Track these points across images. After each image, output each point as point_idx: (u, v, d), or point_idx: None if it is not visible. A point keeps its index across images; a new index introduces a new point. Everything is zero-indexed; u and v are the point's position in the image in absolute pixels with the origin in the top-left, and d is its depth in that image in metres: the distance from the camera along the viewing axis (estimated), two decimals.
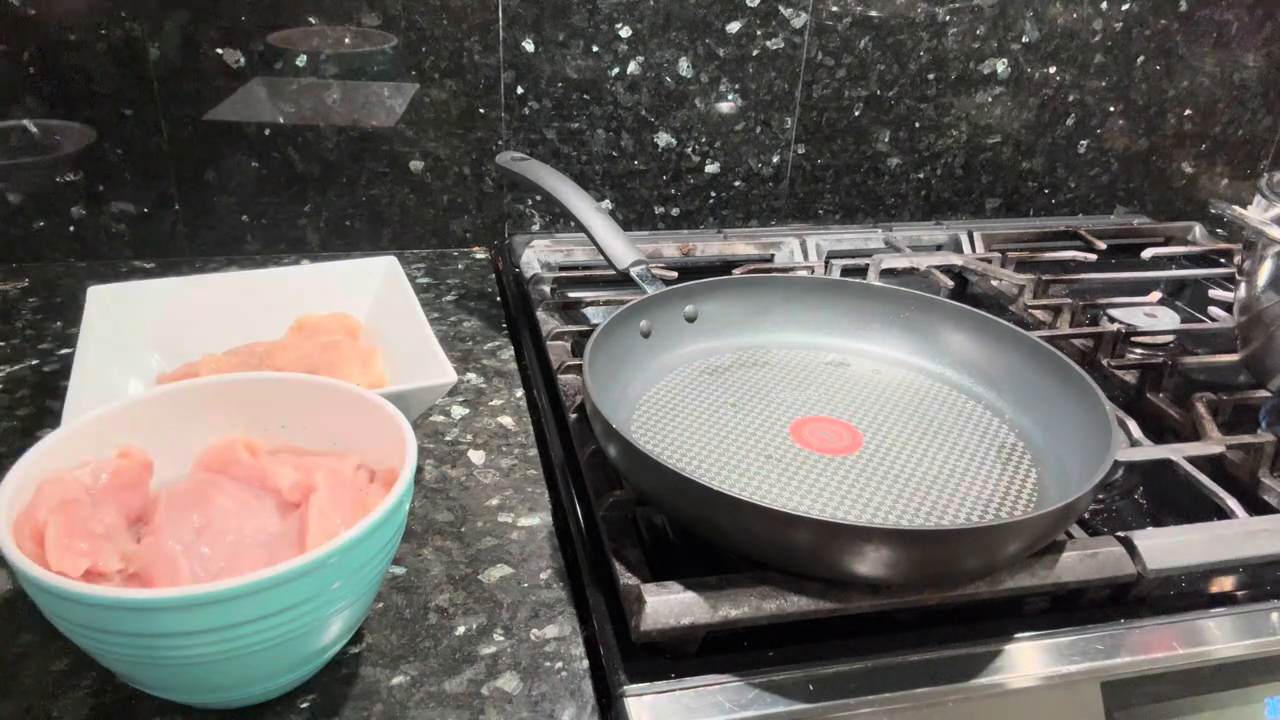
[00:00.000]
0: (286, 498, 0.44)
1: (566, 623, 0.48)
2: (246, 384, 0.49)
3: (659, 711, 0.43)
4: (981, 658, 0.46)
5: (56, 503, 0.40)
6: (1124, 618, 0.49)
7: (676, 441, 0.57)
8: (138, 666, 0.38)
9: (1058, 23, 0.93)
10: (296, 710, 0.43)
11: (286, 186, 0.85)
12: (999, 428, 0.60)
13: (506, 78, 0.85)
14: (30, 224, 0.82)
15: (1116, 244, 0.92)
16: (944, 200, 1.00)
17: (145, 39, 0.77)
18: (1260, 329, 0.66)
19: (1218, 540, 0.51)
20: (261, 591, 0.35)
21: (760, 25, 0.87)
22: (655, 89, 0.88)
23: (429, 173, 0.87)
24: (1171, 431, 0.65)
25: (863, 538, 0.42)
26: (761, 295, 0.68)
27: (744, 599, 0.45)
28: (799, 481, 0.53)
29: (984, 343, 0.64)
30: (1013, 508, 0.52)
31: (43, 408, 0.63)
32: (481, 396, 0.68)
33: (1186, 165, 1.05)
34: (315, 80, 0.82)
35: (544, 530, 0.55)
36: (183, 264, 0.84)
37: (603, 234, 0.71)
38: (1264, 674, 0.49)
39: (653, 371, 0.63)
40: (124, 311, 0.63)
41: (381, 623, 0.48)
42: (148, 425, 0.47)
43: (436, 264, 0.88)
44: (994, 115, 0.97)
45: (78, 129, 0.79)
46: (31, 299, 0.77)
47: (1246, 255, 0.67)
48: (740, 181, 0.94)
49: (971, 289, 0.87)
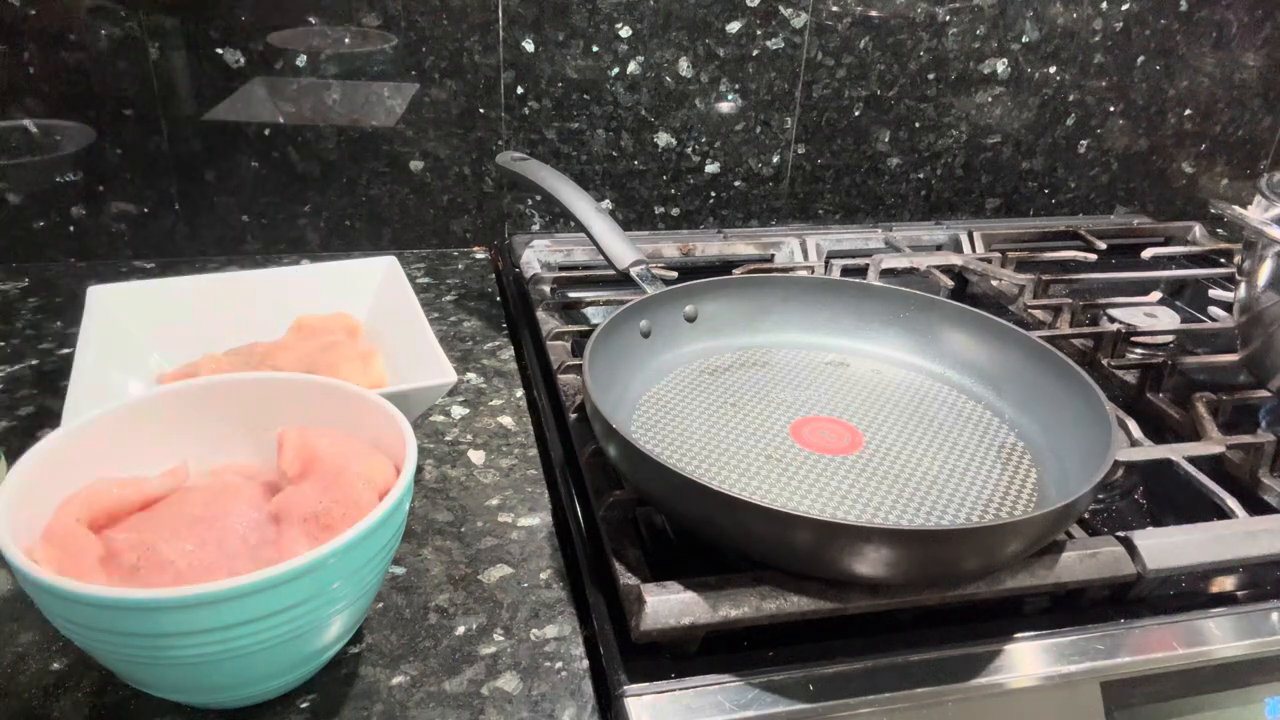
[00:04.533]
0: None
1: (566, 623, 0.48)
2: (246, 384, 0.49)
3: (659, 711, 0.43)
4: (981, 658, 0.46)
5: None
6: (1124, 618, 0.49)
7: (676, 441, 0.57)
8: (138, 666, 0.38)
9: (1058, 23, 0.93)
10: (296, 710, 0.43)
11: (286, 186, 0.85)
12: (999, 428, 0.60)
13: (506, 78, 0.85)
14: (30, 224, 0.82)
15: (1116, 244, 0.92)
16: (944, 200, 1.00)
17: (145, 39, 0.77)
18: (1260, 329, 0.66)
19: (1218, 540, 0.51)
20: (262, 591, 0.35)
21: (760, 25, 0.87)
22: (655, 89, 0.88)
23: (429, 173, 0.87)
24: (1171, 431, 0.65)
25: (863, 538, 0.42)
26: (761, 295, 0.68)
27: (744, 599, 0.45)
28: (799, 481, 0.53)
29: (984, 343, 0.64)
30: (1013, 508, 0.52)
31: (43, 408, 0.63)
32: (481, 396, 0.68)
33: (1186, 165, 1.05)
34: (315, 80, 0.82)
35: (544, 530, 0.55)
36: (183, 264, 0.84)
37: (603, 234, 0.71)
38: (1264, 674, 0.49)
39: (653, 371, 0.63)
40: (124, 311, 0.63)
41: (381, 623, 0.48)
42: (148, 425, 0.47)
43: (436, 264, 0.88)
44: (994, 115, 0.97)
45: (78, 129, 0.79)
46: (31, 299, 0.77)
47: (1246, 255, 0.67)
48: (740, 181, 0.94)
49: (971, 289, 0.87)
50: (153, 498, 0.44)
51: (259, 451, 0.48)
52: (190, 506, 0.43)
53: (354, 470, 0.44)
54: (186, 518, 0.42)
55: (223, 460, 0.48)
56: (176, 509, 0.43)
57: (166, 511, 0.43)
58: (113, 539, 0.41)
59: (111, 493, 0.43)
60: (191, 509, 0.43)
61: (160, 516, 0.43)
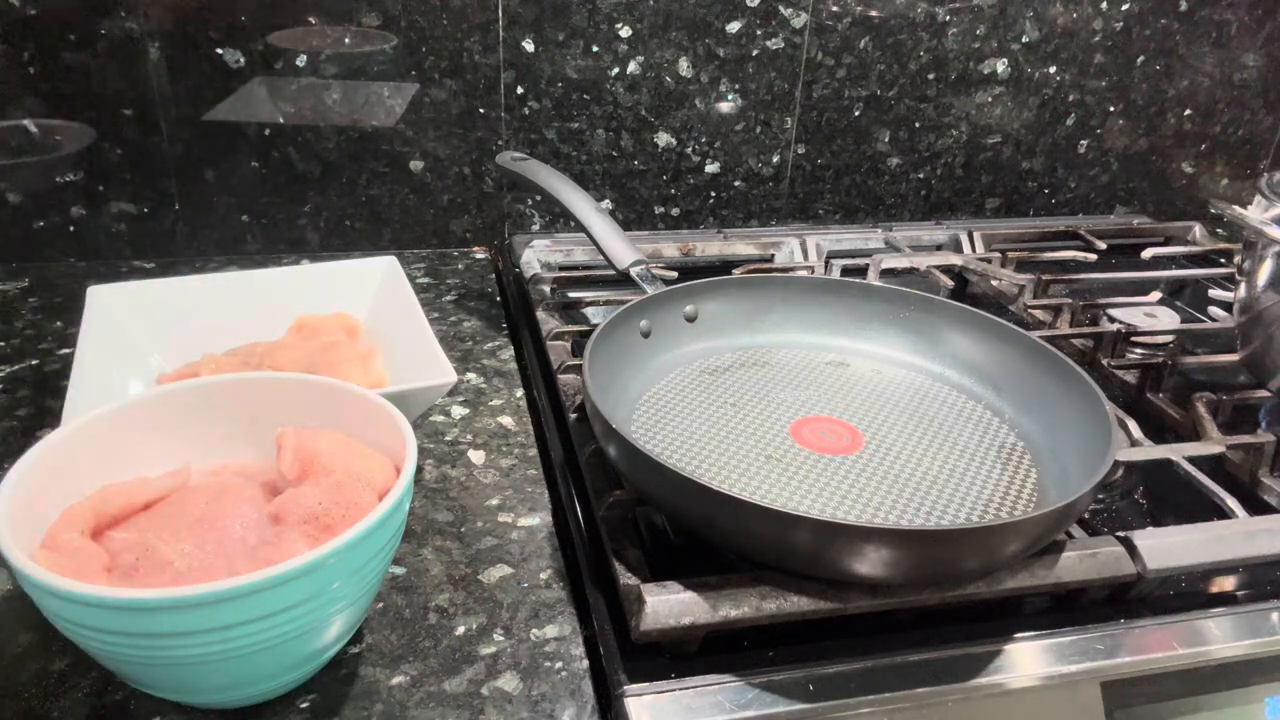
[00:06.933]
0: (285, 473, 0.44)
1: (566, 623, 0.48)
2: (246, 384, 0.49)
3: (659, 711, 0.43)
4: (981, 658, 0.46)
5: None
6: (1124, 618, 0.49)
7: (676, 441, 0.57)
8: (138, 666, 0.38)
9: (1058, 23, 0.93)
10: (296, 710, 0.43)
11: (286, 186, 0.85)
12: (999, 428, 0.60)
13: (506, 78, 0.85)
14: (30, 224, 0.82)
15: (1116, 244, 0.92)
16: (944, 200, 1.00)
17: (145, 39, 0.77)
18: (1260, 329, 0.66)
19: (1218, 540, 0.51)
20: (261, 591, 0.35)
21: (760, 25, 0.87)
22: (655, 89, 0.88)
23: (429, 173, 0.87)
24: (1171, 431, 0.65)
25: (863, 538, 0.42)
26: (761, 295, 0.68)
27: (744, 599, 0.45)
28: (799, 481, 0.53)
29: (984, 342, 0.64)
30: (1013, 508, 0.52)
31: (43, 408, 0.63)
32: (481, 396, 0.68)
33: (1186, 165, 1.05)
34: (315, 80, 0.82)
35: (544, 530, 0.55)
36: (183, 264, 0.84)
37: (603, 234, 0.71)
38: (1264, 674, 0.49)
39: (653, 371, 0.63)
40: (124, 311, 0.63)
41: (381, 623, 0.48)
42: (148, 425, 0.47)
43: (436, 264, 0.88)
44: (994, 115, 0.97)
45: (78, 129, 0.79)
46: (31, 299, 0.77)
47: (1246, 255, 0.67)
48: (740, 181, 0.94)
49: (971, 289, 0.87)
50: (154, 498, 0.44)
51: (259, 451, 0.48)
52: (190, 507, 0.43)
53: (354, 471, 0.44)
54: (186, 518, 0.42)
55: (223, 460, 0.48)
56: (176, 509, 0.43)
57: (166, 512, 0.43)
58: (112, 539, 0.41)
59: (115, 498, 0.43)
60: (191, 509, 0.43)
61: (160, 517, 0.43)
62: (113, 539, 0.42)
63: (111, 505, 0.42)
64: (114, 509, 0.42)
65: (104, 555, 0.40)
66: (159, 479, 0.45)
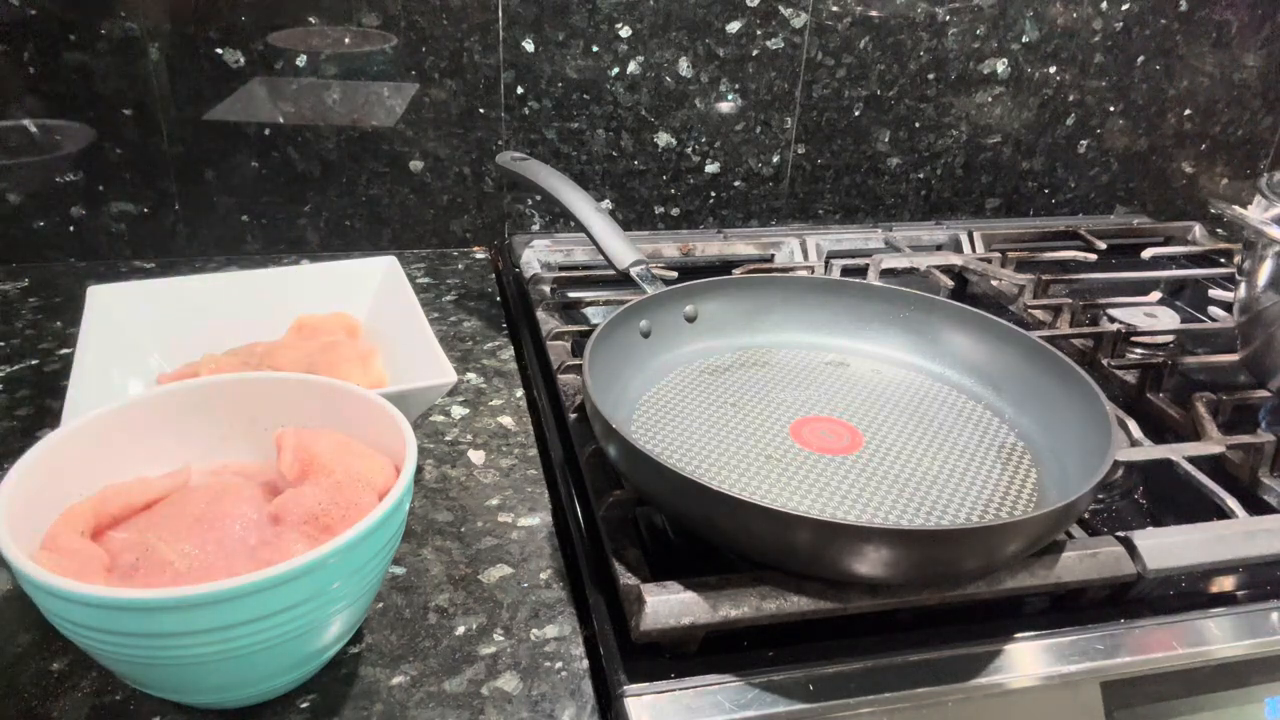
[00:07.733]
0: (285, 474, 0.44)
1: (566, 623, 0.48)
2: (246, 384, 0.49)
3: (659, 711, 0.43)
4: (981, 658, 0.46)
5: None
6: (1124, 617, 0.49)
7: (676, 441, 0.57)
8: (138, 666, 0.38)
9: (1058, 23, 0.93)
10: (296, 710, 0.43)
11: (286, 186, 0.85)
12: (999, 428, 0.60)
13: (506, 78, 0.85)
14: (30, 224, 0.82)
15: (1116, 244, 0.92)
16: (944, 200, 1.00)
17: (145, 39, 0.77)
18: (1260, 329, 0.66)
19: (1218, 540, 0.51)
20: (261, 591, 0.35)
21: (760, 25, 0.87)
22: (655, 89, 0.88)
23: (429, 173, 0.87)
24: (1171, 431, 0.65)
25: (863, 538, 0.42)
26: (761, 295, 0.68)
27: (744, 599, 0.45)
28: (799, 481, 0.53)
29: (984, 343, 0.64)
30: (1013, 508, 0.52)
31: (43, 408, 0.63)
32: (481, 396, 0.68)
33: (1186, 165, 1.05)
34: (315, 80, 0.82)
35: (544, 530, 0.55)
36: (183, 264, 0.84)
37: (603, 234, 0.71)
38: (1264, 674, 0.49)
39: (653, 371, 0.63)
40: (124, 311, 0.63)
41: (381, 623, 0.48)
42: (148, 425, 0.47)
43: (436, 264, 0.88)
44: (994, 115, 0.97)
45: (78, 129, 0.79)
46: (31, 299, 0.77)
47: (1246, 255, 0.67)
48: (740, 181, 0.94)
49: (971, 289, 0.87)
50: (154, 498, 0.44)
51: (259, 451, 0.48)
52: (190, 507, 0.43)
53: (354, 471, 0.44)
54: (186, 518, 0.42)
55: (222, 460, 0.48)
56: (176, 509, 0.43)
57: (166, 512, 0.43)
58: (112, 539, 0.41)
59: (115, 498, 0.43)
60: (191, 509, 0.43)
61: (159, 517, 0.43)
62: (113, 539, 0.42)
63: (111, 505, 0.42)
64: (114, 509, 0.42)
65: (104, 555, 0.40)
66: (159, 479, 0.45)
